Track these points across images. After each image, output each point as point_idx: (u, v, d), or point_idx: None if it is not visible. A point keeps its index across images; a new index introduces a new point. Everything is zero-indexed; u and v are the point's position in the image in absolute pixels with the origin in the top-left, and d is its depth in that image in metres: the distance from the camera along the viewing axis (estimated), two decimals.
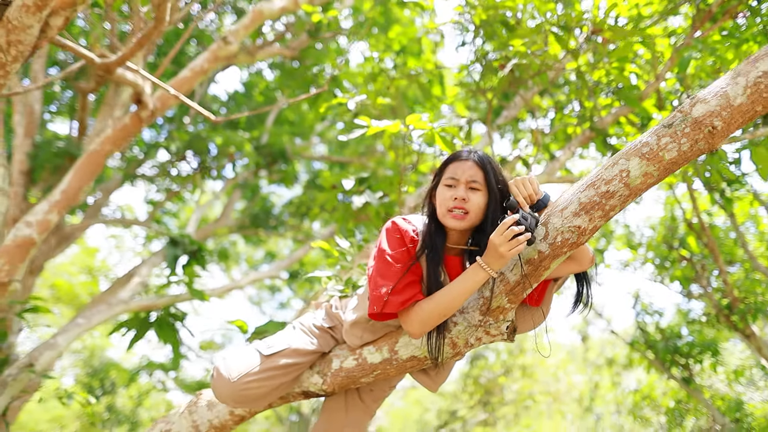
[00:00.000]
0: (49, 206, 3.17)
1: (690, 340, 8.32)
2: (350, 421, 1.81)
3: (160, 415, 15.18)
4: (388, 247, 1.53)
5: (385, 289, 1.47)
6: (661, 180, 1.38)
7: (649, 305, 9.32)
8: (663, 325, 8.83)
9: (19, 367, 3.33)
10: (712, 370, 8.58)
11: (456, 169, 1.54)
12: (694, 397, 8.71)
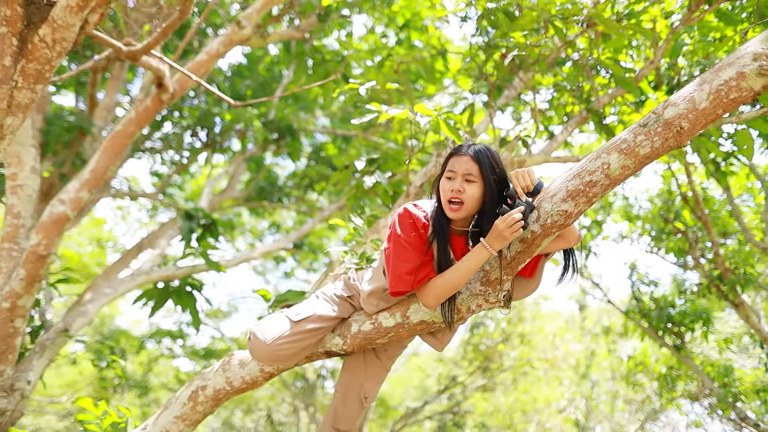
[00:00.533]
0: (80, 184, 3.42)
1: (683, 310, 8.64)
2: (369, 376, 2.10)
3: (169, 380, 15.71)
4: (402, 232, 1.78)
5: (403, 271, 1.74)
6: (637, 171, 1.63)
7: (644, 276, 9.65)
8: (657, 295, 9.17)
9: (55, 331, 3.64)
10: (703, 338, 8.95)
11: (455, 163, 1.78)
12: (685, 364, 9.10)
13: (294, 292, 2.76)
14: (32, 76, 2.31)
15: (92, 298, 4.06)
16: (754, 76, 1.49)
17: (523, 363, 11.73)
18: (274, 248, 5.86)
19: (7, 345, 3.15)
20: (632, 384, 11.09)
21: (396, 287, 1.78)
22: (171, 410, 2.42)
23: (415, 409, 12.10)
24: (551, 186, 1.73)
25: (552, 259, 1.96)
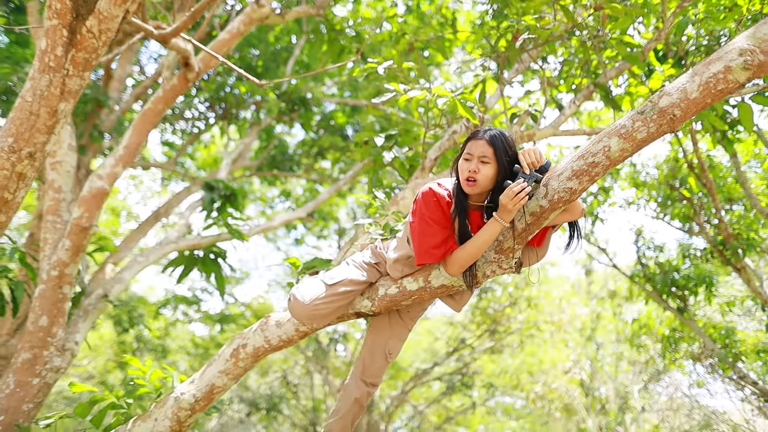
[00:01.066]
0: (115, 160, 3.67)
1: (687, 274, 8.89)
2: (393, 335, 2.38)
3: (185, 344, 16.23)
4: (427, 210, 2.02)
5: (429, 245, 1.99)
6: (634, 153, 1.85)
7: (650, 241, 9.88)
8: (662, 260, 9.42)
9: (96, 297, 3.95)
10: (706, 302, 9.24)
11: (472, 146, 2.00)
12: (688, 326, 9.41)
13: (320, 259, 3.03)
14: (81, 64, 2.52)
15: (127, 266, 4.37)
16: (739, 70, 1.69)
17: (530, 326, 12.11)
18: (293, 217, 6.12)
19: (58, 309, 3.46)
20: (636, 346, 11.47)
21: (423, 260, 2.04)
22: (215, 366, 2.72)
23: (425, 370, 12.59)
24: (558, 166, 1.96)
25: (560, 227, 2.20)
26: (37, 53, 2.47)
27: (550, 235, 2.15)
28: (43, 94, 2.45)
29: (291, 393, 12.60)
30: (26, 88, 2.47)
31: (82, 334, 3.75)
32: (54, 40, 2.45)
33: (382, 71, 3.12)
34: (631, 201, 10.00)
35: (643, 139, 1.80)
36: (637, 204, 10.01)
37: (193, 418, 2.71)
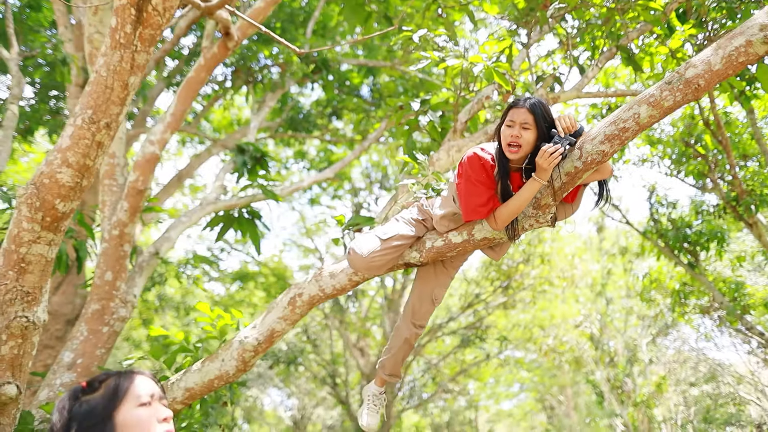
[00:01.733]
0: (164, 127, 3.93)
1: (699, 230, 9.14)
2: (438, 283, 2.69)
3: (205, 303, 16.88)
4: (473, 173, 2.28)
5: (476, 204, 2.26)
6: (661, 119, 2.09)
7: (663, 198, 10.10)
8: (675, 216, 9.66)
9: (149, 254, 4.29)
10: (717, 257, 9.52)
11: (514, 114, 2.24)
12: (698, 280, 9.73)
13: (363, 217, 3.32)
14: (147, 40, 2.75)
15: (173, 226, 4.69)
16: (759, 44, 1.91)
17: (542, 282, 12.49)
18: (321, 178, 6.39)
19: (120, 265, 3.80)
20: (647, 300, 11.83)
21: (470, 217, 2.32)
22: (274, 313, 3.06)
23: (440, 324, 13.10)
24: (592, 131, 2.21)
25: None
26: (108, 31, 2.71)
27: (582, 193, 2.42)
28: (116, 68, 2.70)
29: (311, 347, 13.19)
30: (100, 63, 2.71)
31: (139, 287, 4.11)
32: (123, 18, 2.67)
33: (417, 39, 3.32)
34: (645, 158, 10.17)
35: (670, 107, 2.04)
36: (651, 161, 10.18)
37: (256, 358, 3.07)
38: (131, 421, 1.14)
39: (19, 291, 2.67)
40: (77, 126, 2.67)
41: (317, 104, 10.81)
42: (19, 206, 2.66)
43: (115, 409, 1.14)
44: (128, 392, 1.19)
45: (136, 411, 1.16)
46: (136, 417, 1.14)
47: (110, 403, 1.16)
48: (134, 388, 1.20)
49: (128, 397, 1.18)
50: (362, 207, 16.22)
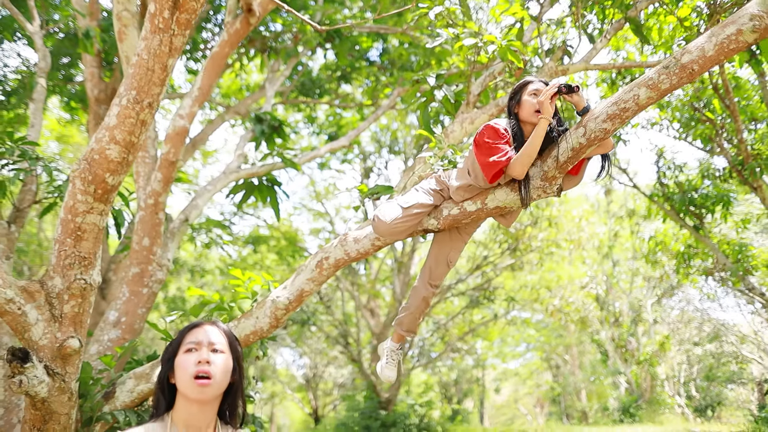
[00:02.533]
0: (192, 101, 4.17)
1: (705, 193, 9.34)
2: (453, 247, 2.98)
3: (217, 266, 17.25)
4: (490, 137, 2.53)
5: (496, 156, 2.51)
6: (659, 99, 2.32)
7: (671, 162, 10.26)
8: (682, 179, 9.85)
9: (179, 221, 4.60)
10: (722, 219, 9.75)
11: (536, 84, 2.51)
12: (703, 242, 9.98)
13: (383, 186, 3.59)
14: (183, 24, 2.98)
15: (199, 194, 4.98)
16: (748, 32, 2.13)
17: (550, 244, 12.80)
18: (337, 146, 6.61)
19: (155, 232, 4.12)
20: (651, 262, 12.13)
21: (491, 169, 2.52)
22: (303, 275, 3.38)
23: (448, 286, 13.52)
24: (595, 110, 2.45)
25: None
26: (147, 16, 2.93)
27: (586, 165, 2.68)
28: (156, 51, 2.93)
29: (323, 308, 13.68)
30: (141, 47, 2.94)
31: (172, 252, 4.44)
32: (161, 4, 2.89)
33: (433, 16, 3.52)
34: (654, 122, 10.28)
35: (667, 89, 2.27)
36: (660, 125, 10.30)
37: (287, 315, 3.41)
38: (179, 362, 1.45)
39: (76, 256, 2.99)
40: (123, 106, 2.93)
41: (326, 68, 10.92)
42: (73, 180, 2.96)
43: (176, 354, 1.46)
44: (183, 340, 1.50)
45: (183, 356, 1.46)
46: (182, 360, 1.45)
47: (173, 348, 1.48)
48: (187, 337, 1.51)
49: (182, 344, 1.49)
50: (371, 171, 16.45)
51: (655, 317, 16.97)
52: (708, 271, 11.28)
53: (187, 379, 1.39)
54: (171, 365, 1.45)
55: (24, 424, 2.95)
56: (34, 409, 2.89)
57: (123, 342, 3.95)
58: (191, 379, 1.39)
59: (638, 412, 14.92)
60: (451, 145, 3.17)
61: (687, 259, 11.16)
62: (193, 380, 1.39)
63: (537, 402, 27.73)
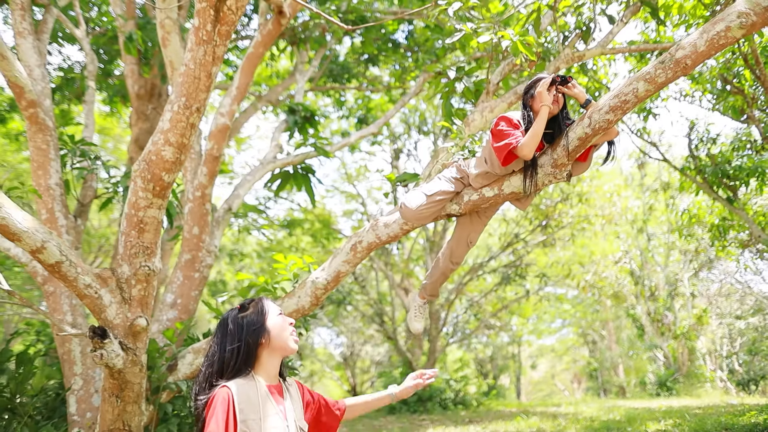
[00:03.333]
0: (231, 100, 4.55)
1: (738, 165, 9.30)
2: (473, 229, 3.30)
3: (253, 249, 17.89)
4: (504, 126, 2.82)
5: (509, 138, 2.79)
6: (657, 92, 2.56)
7: (704, 133, 10.21)
8: (714, 152, 9.81)
9: (223, 210, 5.04)
10: (758, 191, 9.70)
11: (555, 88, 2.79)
12: (737, 215, 9.96)
13: (409, 174, 3.91)
14: (224, 35, 3.33)
15: (240, 184, 5.40)
16: (736, 29, 2.34)
17: (581, 220, 12.89)
18: (366, 133, 6.93)
19: (204, 221, 4.55)
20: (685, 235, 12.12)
21: (504, 150, 2.80)
22: (339, 257, 3.75)
23: (480, 263, 13.79)
24: (599, 102, 2.70)
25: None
26: (192, 29, 3.29)
27: (593, 153, 2.94)
28: (201, 61, 3.30)
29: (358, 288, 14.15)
30: (188, 58, 3.31)
31: (218, 239, 4.88)
32: (204, 18, 3.25)
33: (452, 13, 3.78)
34: (685, 93, 10.23)
35: (663, 82, 2.51)
36: (692, 96, 10.24)
37: (325, 294, 3.80)
38: (275, 324, 1.84)
39: (140, 246, 3.43)
40: (174, 111, 3.32)
41: (353, 51, 11.18)
42: (135, 179, 3.38)
43: (265, 319, 1.84)
44: (269, 309, 1.88)
45: (277, 318, 1.86)
46: (278, 321, 1.84)
47: (261, 316, 1.85)
48: (271, 306, 1.90)
49: (270, 311, 1.87)
50: (401, 152, 16.72)
51: (692, 291, 16.87)
52: (744, 244, 11.24)
53: (287, 335, 1.83)
54: (263, 330, 1.82)
55: (104, 392, 3.44)
56: (112, 378, 3.37)
57: (180, 321, 4.42)
58: (290, 336, 1.83)
59: (675, 386, 15.00)
60: (471, 135, 3.47)
61: (722, 232, 11.13)
62: (290, 336, 1.83)
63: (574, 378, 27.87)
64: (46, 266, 3.09)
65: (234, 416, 1.62)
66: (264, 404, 1.70)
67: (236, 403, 1.65)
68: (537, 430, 8.67)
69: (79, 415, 4.00)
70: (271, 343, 1.81)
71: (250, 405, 1.67)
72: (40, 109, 4.21)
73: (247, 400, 1.67)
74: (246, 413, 1.64)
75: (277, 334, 1.83)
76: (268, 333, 1.81)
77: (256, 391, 1.72)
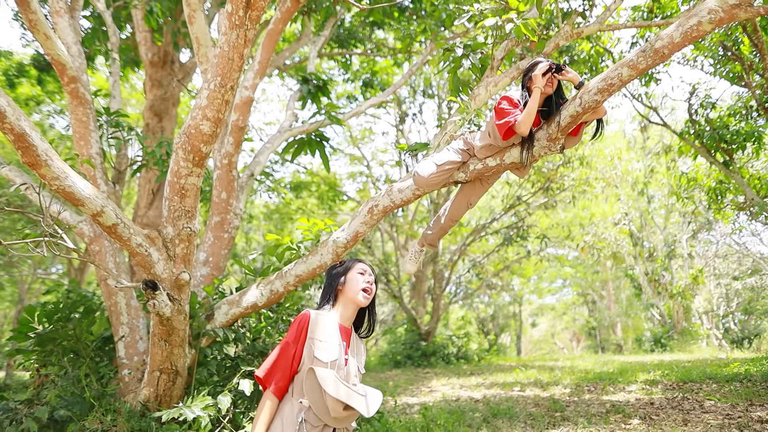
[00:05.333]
0: (254, 73, 4.94)
1: (735, 130, 9.67)
2: (475, 193, 3.76)
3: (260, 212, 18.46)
4: (506, 105, 3.24)
5: (510, 115, 3.22)
6: (639, 76, 2.98)
7: (705, 98, 10.53)
8: (713, 116, 10.15)
9: (246, 176, 5.50)
10: (754, 155, 10.09)
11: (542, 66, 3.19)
12: (733, 179, 10.38)
13: (420, 143, 4.35)
14: (254, 20, 3.72)
15: (260, 152, 5.84)
16: (706, 23, 2.74)
17: (582, 183, 13.32)
18: (377, 101, 7.27)
19: (230, 187, 5.02)
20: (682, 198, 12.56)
21: (503, 128, 3.25)
22: (357, 219, 4.23)
23: (483, 225, 14.30)
24: (588, 84, 3.12)
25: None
26: (225, 14, 3.67)
27: (583, 129, 3.38)
28: (234, 44, 3.70)
29: (364, 249, 14.71)
30: (222, 41, 3.71)
31: (243, 203, 5.36)
32: (236, 4, 3.63)
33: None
34: (687, 58, 10.49)
35: (644, 68, 2.93)
36: (694, 61, 10.51)
37: (345, 252, 4.29)
38: (352, 277, 2.32)
39: (182, 210, 3.91)
40: (211, 90, 3.75)
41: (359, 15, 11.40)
42: (177, 150, 3.83)
43: (348, 271, 2.33)
44: (354, 266, 2.36)
45: (356, 275, 2.33)
46: (355, 277, 2.33)
47: (346, 270, 2.34)
48: (357, 265, 2.38)
49: (354, 268, 2.35)
50: (406, 115, 17.02)
51: (690, 252, 17.42)
52: (740, 206, 11.70)
53: (358, 289, 2.29)
54: (344, 279, 2.32)
55: (153, 337, 3.98)
56: (161, 325, 3.90)
57: (212, 277, 4.95)
58: (360, 291, 2.29)
59: (670, 343, 15.71)
60: (476, 110, 3.89)
61: (719, 195, 11.56)
62: (361, 291, 2.29)
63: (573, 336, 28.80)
64: (104, 228, 3.58)
65: (305, 332, 2.14)
66: (330, 332, 2.19)
67: (310, 323, 2.16)
68: (534, 380, 9.35)
69: (127, 359, 4.58)
70: (345, 291, 2.30)
71: (319, 328, 2.17)
72: (80, 84, 4.63)
73: (319, 324, 2.18)
74: (314, 332, 2.15)
75: (351, 287, 2.30)
76: (344, 282, 2.31)
77: (327, 321, 2.22)
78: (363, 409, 2.10)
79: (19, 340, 4.17)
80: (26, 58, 11.88)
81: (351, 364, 2.21)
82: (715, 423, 4.89)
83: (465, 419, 5.85)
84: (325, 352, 2.11)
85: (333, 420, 2.08)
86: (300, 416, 2.04)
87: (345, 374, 2.16)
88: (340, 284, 2.31)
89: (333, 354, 2.13)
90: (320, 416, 2.05)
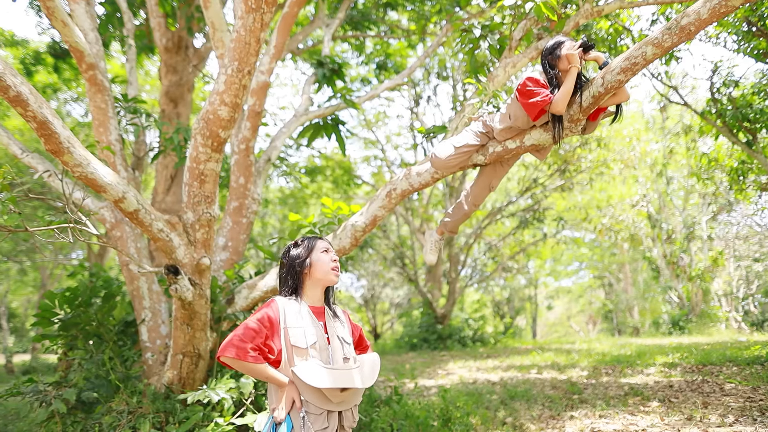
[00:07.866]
0: (270, 58, 4.92)
1: (759, 108, 9.45)
2: (495, 176, 3.73)
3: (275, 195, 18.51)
4: (532, 84, 3.19)
5: (540, 96, 3.18)
6: (664, 54, 2.91)
7: (727, 76, 10.29)
8: (735, 95, 9.93)
9: (263, 161, 5.51)
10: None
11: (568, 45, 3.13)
12: (756, 158, 10.18)
13: (438, 126, 4.32)
14: (270, 3, 3.69)
15: (276, 137, 5.84)
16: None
17: (600, 164, 13.16)
18: (392, 85, 7.22)
19: (248, 172, 5.04)
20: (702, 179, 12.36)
21: (535, 108, 3.18)
22: (375, 203, 4.23)
23: (499, 208, 14.24)
24: (611, 64, 3.07)
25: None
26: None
27: (603, 114, 3.33)
28: (251, 28, 3.68)
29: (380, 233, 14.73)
30: (239, 25, 3.69)
31: (260, 188, 5.38)
32: None
33: None
34: (710, 35, 10.24)
35: (669, 46, 2.87)
36: (716, 38, 10.26)
37: (363, 236, 4.30)
38: (317, 258, 2.27)
39: (202, 195, 3.94)
40: (228, 75, 3.75)
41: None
42: (195, 136, 3.85)
43: (310, 253, 2.30)
44: (315, 246, 2.33)
45: (321, 254, 2.30)
46: (320, 257, 2.28)
47: (307, 251, 2.31)
48: (318, 243, 2.35)
49: (316, 248, 2.33)
50: (420, 97, 16.90)
51: (709, 233, 17.19)
52: (762, 187, 11.49)
53: (327, 269, 2.24)
54: (308, 262, 2.28)
55: (176, 321, 4.04)
56: (183, 309, 3.96)
57: (231, 262, 5.00)
58: (330, 270, 2.25)
59: (688, 325, 15.60)
60: (495, 92, 3.85)
61: (741, 175, 11.36)
62: (330, 270, 2.25)
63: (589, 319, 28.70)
64: (126, 213, 3.62)
65: (279, 322, 2.07)
66: (303, 316, 2.13)
67: (281, 313, 2.10)
68: (551, 363, 9.36)
69: (150, 342, 4.66)
70: (312, 273, 2.24)
71: (293, 316, 2.12)
72: (98, 71, 4.65)
73: (291, 312, 2.12)
74: (290, 321, 2.09)
75: (319, 268, 2.23)
76: (310, 265, 2.26)
77: (299, 308, 2.16)
78: (359, 383, 2.08)
79: (43, 326, 4.26)
80: (42, 46, 11.97)
81: (334, 342, 2.16)
82: (735, 406, 4.87)
83: (483, 401, 5.89)
84: (302, 339, 2.07)
85: (335, 405, 2.06)
86: (301, 411, 2.02)
87: (330, 354, 2.11)
88: (306, 268, 2.24)
89: (311, 337, 2.09)
90: (320, 405, 2.03)
